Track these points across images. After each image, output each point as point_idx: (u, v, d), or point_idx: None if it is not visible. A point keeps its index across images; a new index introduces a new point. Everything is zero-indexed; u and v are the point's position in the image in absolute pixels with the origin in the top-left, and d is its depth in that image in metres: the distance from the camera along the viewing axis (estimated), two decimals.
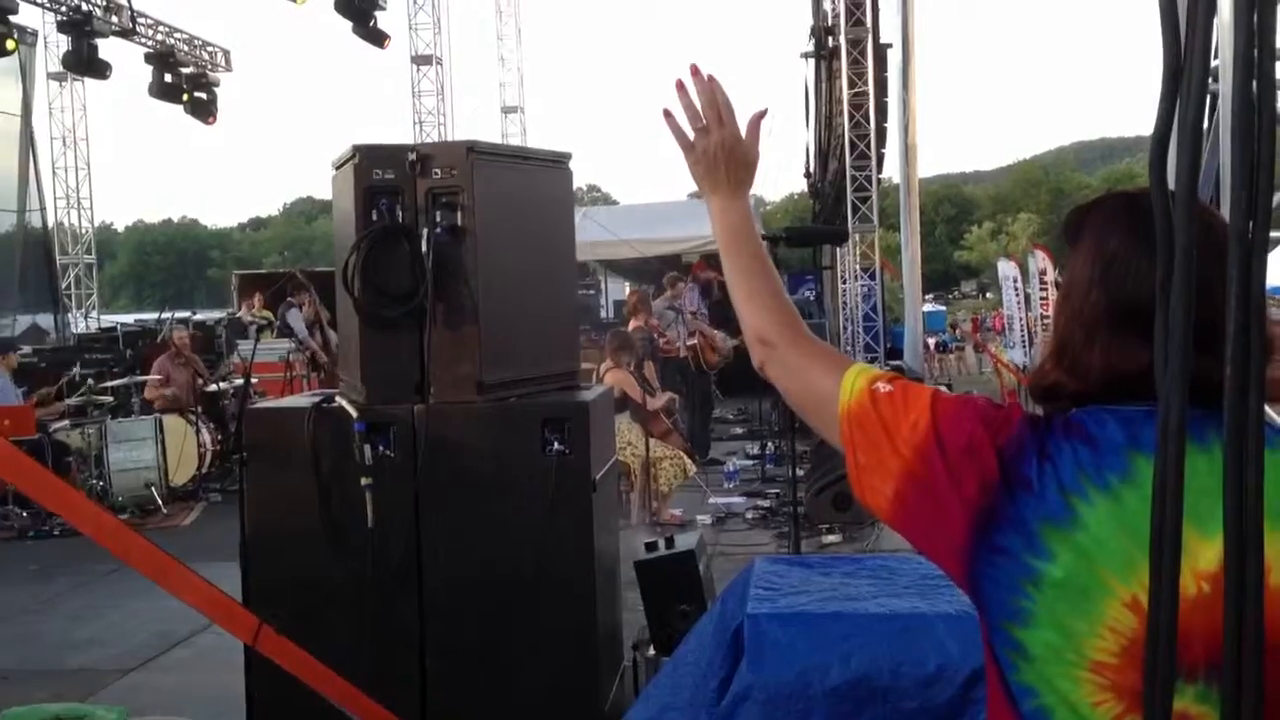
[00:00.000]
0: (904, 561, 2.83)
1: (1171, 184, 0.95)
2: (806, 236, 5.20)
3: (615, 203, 39.31)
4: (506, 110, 25.74)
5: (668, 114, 1.63)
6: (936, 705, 2.23)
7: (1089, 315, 1.32)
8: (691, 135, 1.62)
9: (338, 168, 4.22)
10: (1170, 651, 0.97)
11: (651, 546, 4.42)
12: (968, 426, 1.27)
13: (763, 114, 1.63)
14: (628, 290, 22.04)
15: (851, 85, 16.34)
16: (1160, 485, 0.96)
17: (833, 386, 1.38)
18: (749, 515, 8.91)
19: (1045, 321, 18.41)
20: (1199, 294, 0.87)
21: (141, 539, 2.56)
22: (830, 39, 17.16)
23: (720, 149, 1.59)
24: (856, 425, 1.34)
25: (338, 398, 4.01)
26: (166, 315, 15.68)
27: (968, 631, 2.26)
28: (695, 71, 1.61)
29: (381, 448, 3.87)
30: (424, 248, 3.83)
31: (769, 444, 11.48)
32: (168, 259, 77.92)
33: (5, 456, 2.30)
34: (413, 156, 3.91)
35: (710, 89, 1.61)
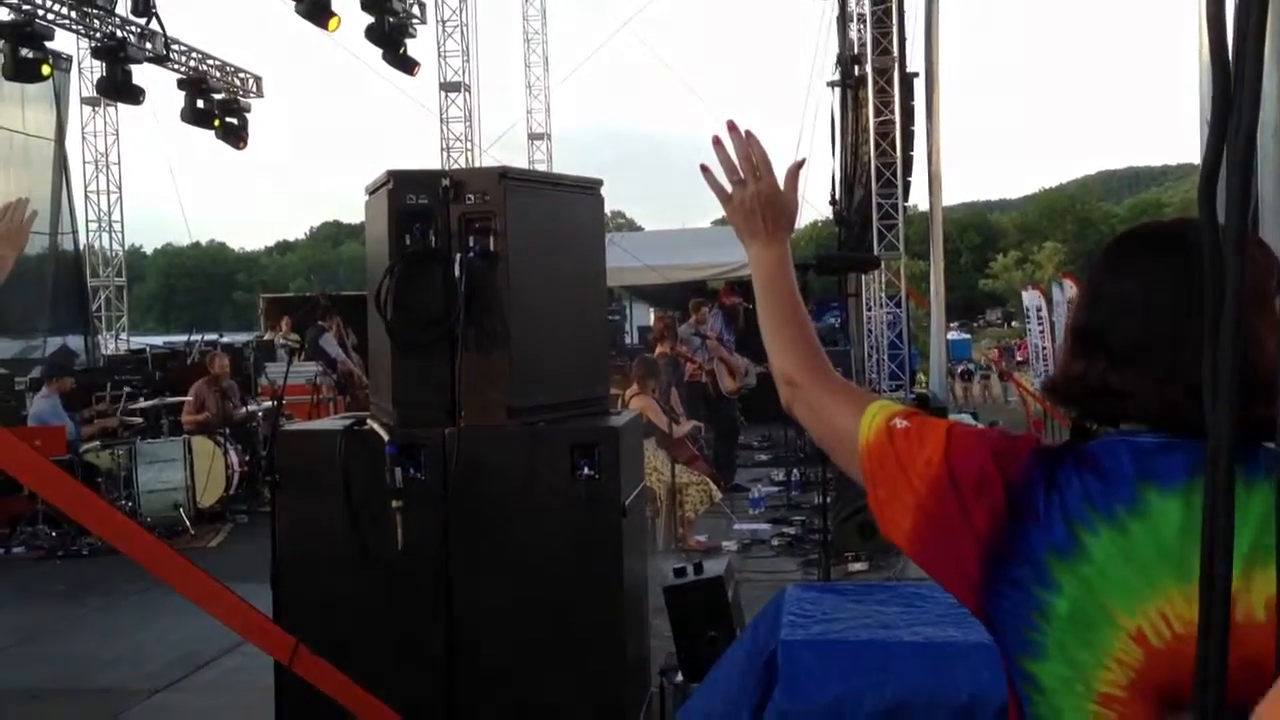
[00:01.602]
0: (936, 590, 2.82)
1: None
2: (838, 264, 5.20)
3: (640, 229, 39.39)
4: (533, 137, 25.88)
5: (705, 169, 1.69)
6: None
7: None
8: (729, 188, 1.67)
9: (371, 192, 4.26)
10: (1220, 685, 0.97)
11: (680, 572, 4.42)
12: (978, 460, 1.29)
13: (800, 164, 1.70)
14: (652, 316, 22.08)
15: (878, 113, 16.37)
16: (1209, 522, 0.97)
17: (854, 424, 1.42)
18: (774, 542, 8.88)
19: None
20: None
21: (180, 558, 2.58)
22: (857, 68, 17.21)
23: (757, 200, 1.65)
24: (876, 461, 1.37)
25: (369, 420, 4.04)
26: (195, 338, 15.83)
27: (1000, 660, 2.25)
28: (732, 128, 1.67)
29: (412, 471, 3.88)
30: (456, 272, 3.85)
31: (794, 471, 11.45)
32: (195, 282, 78.50)
33: (50, 476, 2.33)
34: (446, 182, 3.94)
35: (746, 145, 1.67)
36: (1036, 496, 1.22)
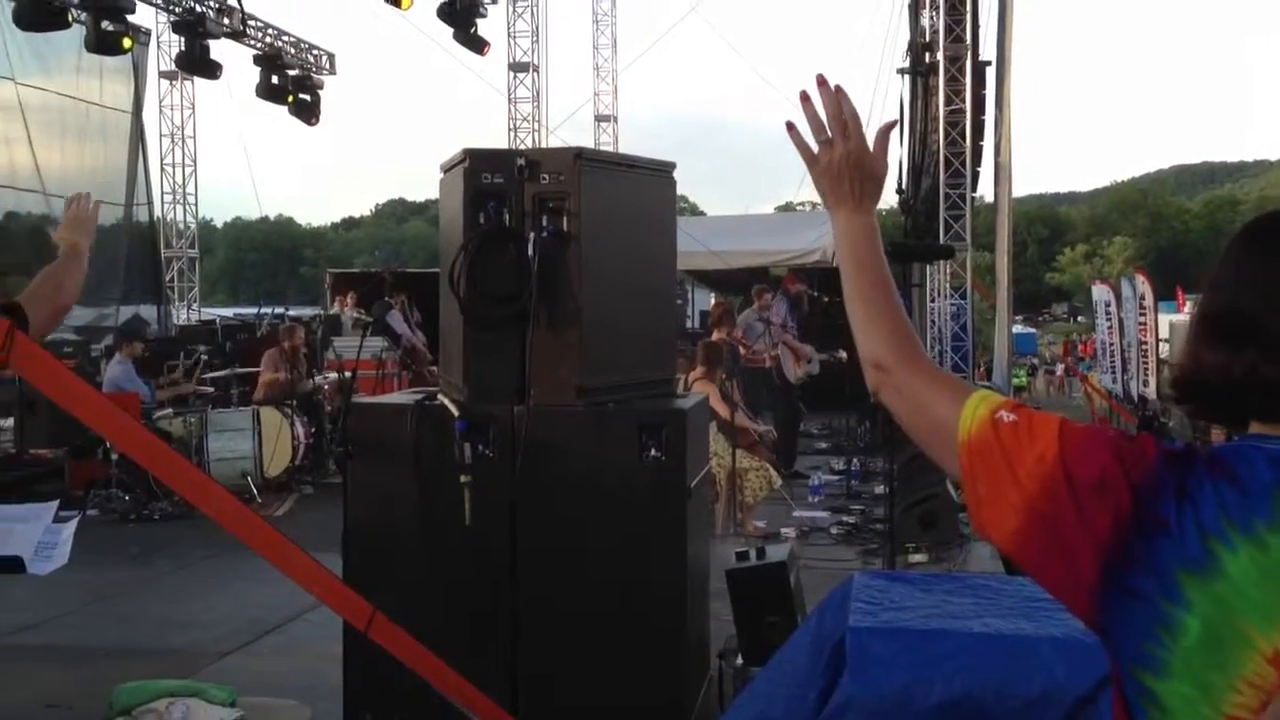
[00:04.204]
0: (1007, 582, 2.81)
1: None
2: (913, 252, 5.16)
3: (703, 214, 39.26)
4: (600, 119, 25.91)
5: (791, 126, 1.58)
6: None
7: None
8: (816, 148, 1.56)
9: (446, 170, 4.30)
10: None
11: (743, 556, 4.43)
12: (1100, 460, 1.20)
13: (892, 125, 1.59)
14: (713, 301, 22.05)
15: (949, 102, 16.18)
16: None
17: (952, 415, 1.33)
18: (833, 530, 8.85)
19: (1143, 347, 18.03)
20: None
21: (266, 525, 2.65)
22: (928, 55, 17.01)
23: (845, 162, 1.52)
24: (977, 456, 1.28)
25: (439, 396, 4.09)
26: (265, 310, 16.07)
27: (1076, 656, 2.25)
28: (822, 82, 1.56)
29: (481, 447, 3.93)
30: (529, 251, 3.89)
31: (854, 460, 11.40)
32: (263, 255, 79.55)
33: (144, 442, 2.40)
34: (521, 161, 3.98)
35: (836, 100, 1.54)
36: (1166, 505, 1.15)
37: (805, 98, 1.56)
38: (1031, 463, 1.23)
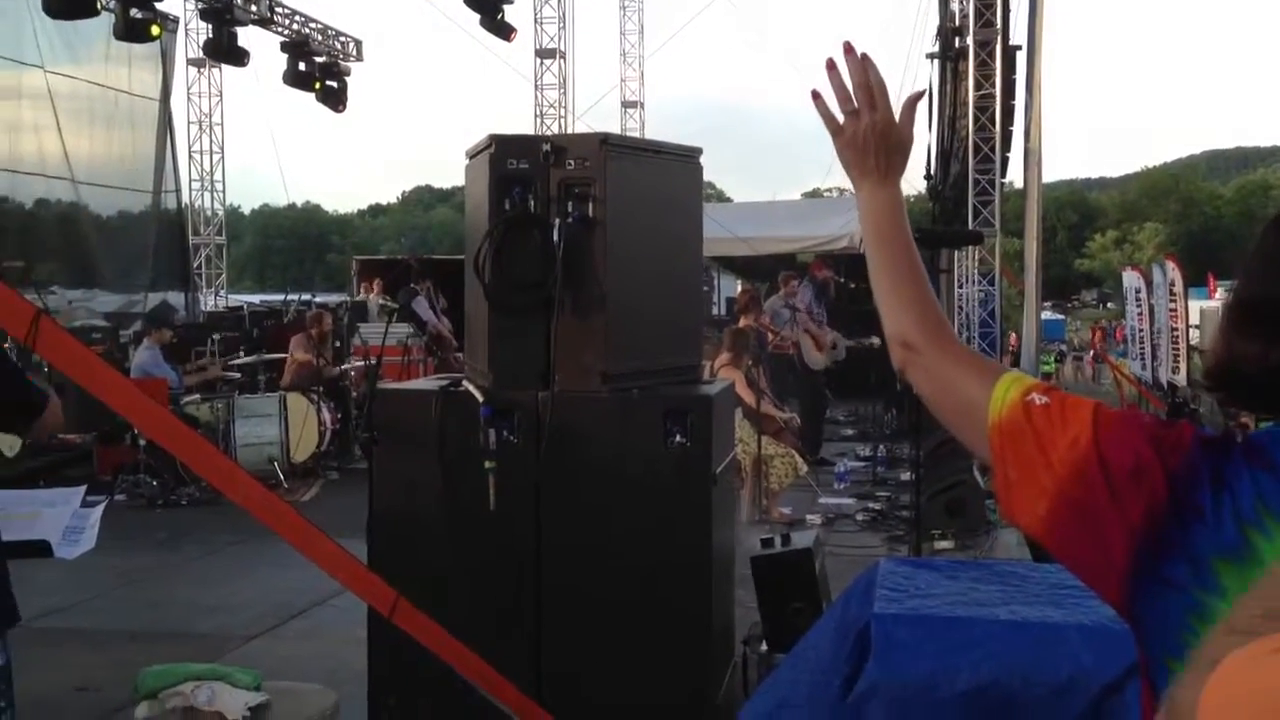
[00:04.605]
0: (1033, 569, 2.78)
1: None
2: (941, 238, 5.12)
3: (729, 200, 39.17)
4: (627, 105, 25.87)
5: (816, 95, 1.54)
6: (1068, 716, 2.19)
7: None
8: (841, 118, 1.52)
9: (472, 156, 4.29)
10: None
11: (768, 543, 4.42)
12: (1135, 446, 1.18)
13: (919, 96, 1.56)
14: (739, 287, 21.99)
15: (978, 87, 16.08)
16: None
17: (982, 396, 1.30)
18: (859, 517, 8.83)
19: (1174, 334, 17.88)
20: None
21: (292, 510, 2.65)
22: (958, 39, 16.89)
23: (871, 133, 1.49)
24: (1008, 438, 1.25)
25: (464, 382, 4.09)
26: (291, 297, 16.14)
27: (1103, 643, 2.22)
28: (849, 50, 1.52)
29: (505, 433, 3.93)
30: (555, 237, 3.87)
31: (880, 447, 11.36)
32: (290, 242, 79.92)
33: (170, 427, 2.41)
34: (547, 147, 3.96)
35: (863, 69, 1.51)
36: (1202, 493, 1.12)
37: (831, 66, 1.53)
38: (1064, 447, 1.21)
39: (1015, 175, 19.40)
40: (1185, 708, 1.05)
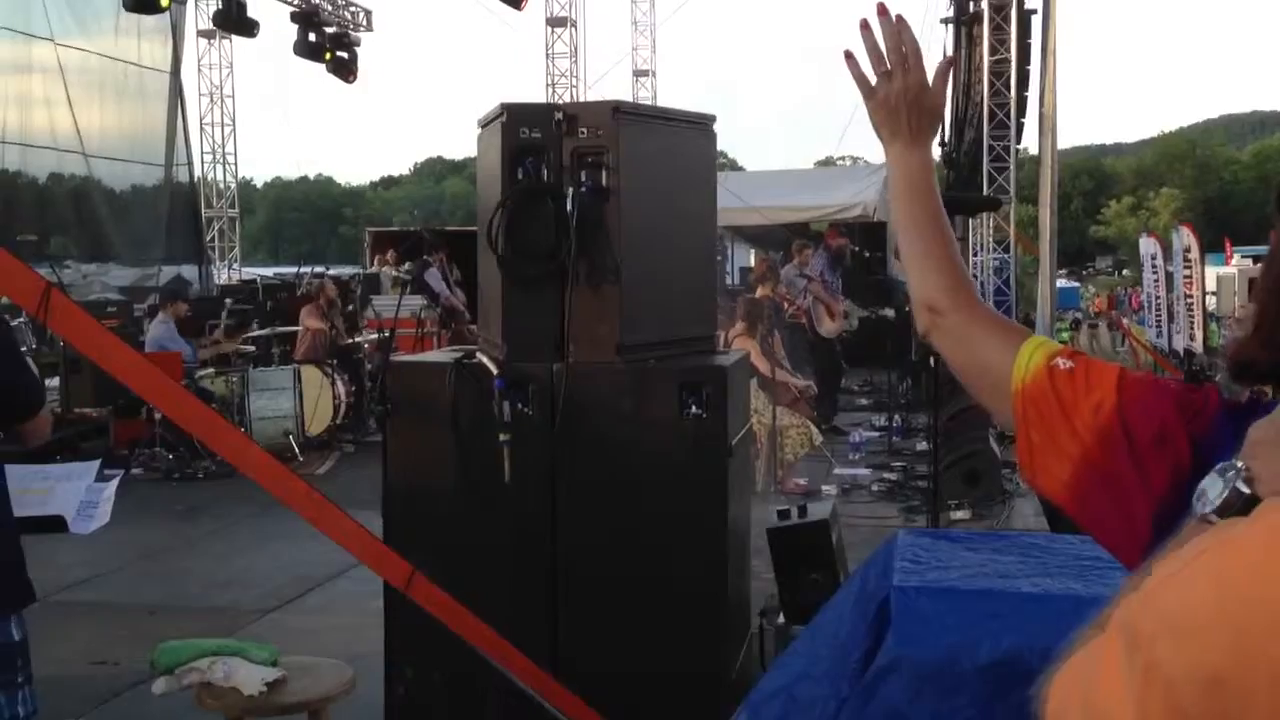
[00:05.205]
0: (1055, 540, 2.75)
1: None
2: (959, 204, 5.06)
3: (742, 169, 39.00)
4: (638, 74, 25.72)
5: (849, 55, 1.53)
6: None
7: None
8: (874, 79, 1.52)
9: (484, 125, 4.25)
10: None
11: (784, 514, 4.40)
12: (1159, 412, 1.16)
13: (951, 61, 1.56)
14: (753, 257, 21.91)
15: (993, 52, 15.92)
16: None
17: (1006, 361, 1.29)
18: (875, 487, 8.81)
19: (1189, 301, 17.76)
20: None
21: (306, 485, 2.64)
22: (972, 4, 16.71)
23: (903, 96, 1.49)
24: (1032, 404, 1.24)
25: (478, 354, 4.06)
26: (305, 269, 16.14)
27: None
28: (883, 11, 1.51)
29: (520, 405, 3.90)
30: (568, 207, 3.84)
31: (895, 416, 11.32)
32: (303, 215, 79.96)
33: (181, 401, 2.39)
34: (559, 116, 3.91)
35: (897, 31, 1.50)
36: (1227, 458, 1.06)
37: (865, 26, 1.52)
38: (1088, 412, 1.19)
39: (1030, 141, 19.25)
40: None
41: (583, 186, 3.84)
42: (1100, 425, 1.18)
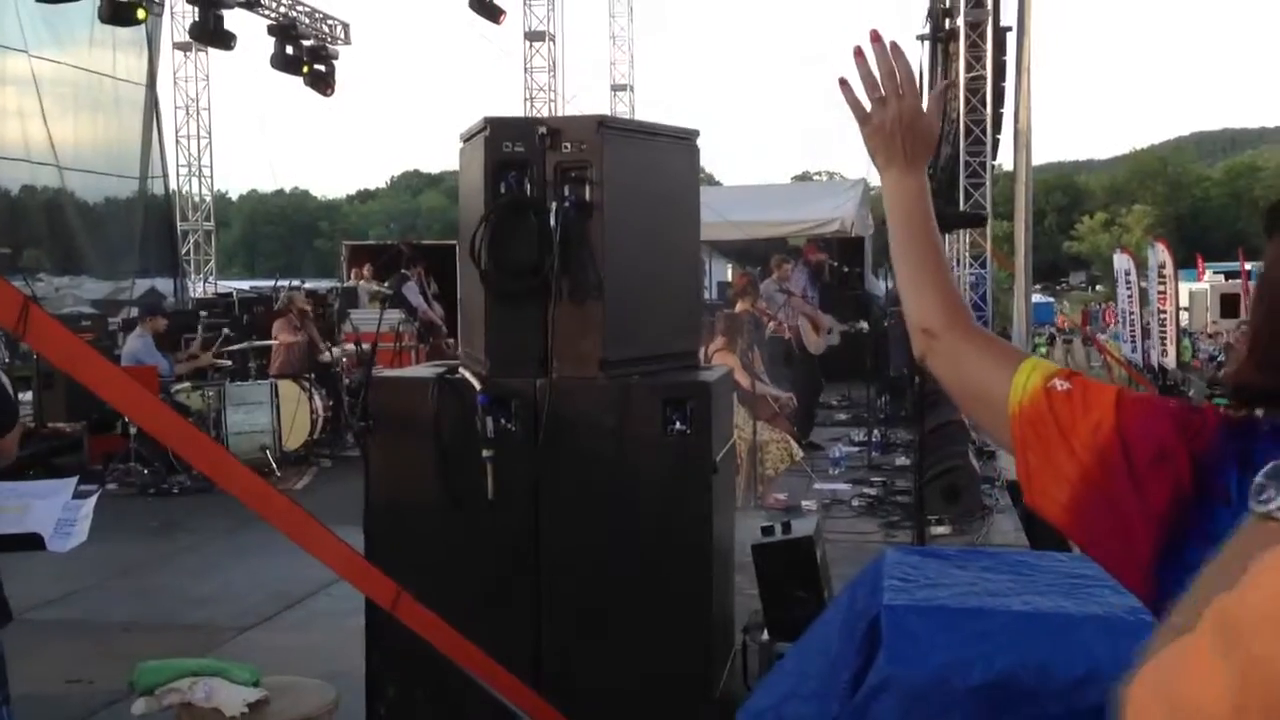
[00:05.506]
0: (1043, 557, 2.74)
1: None
2: (945, 221, 5.07)
3: (719, 184, 39.08)
4: (616, 88, 25.77)
5: (844, 83, 1.54)
6: (1084, 710, 2.14)
7: None
8: (868, 106, 1.52)
9: (467, 139, 4.22)
10: None
11: (768, 531, 4.38)
12: (1159, 431, 1.15)
13: (949, 85, 1.57)
14: (731, 272, 21.93)
15: (969, 69, 16.01)
16: None
17: (1003, 383, 1.29)
18: (855, 503, 8.80)
19: (1162, 316, 17.89)
20: None
21: (286, 500, 2.60)
22: (948, 21, 16.81)
23: (898, 122, 1.50)
24: (1029, 425, 1.24)
25: (461, 369, 4.03)
26: (281, 283, 16.03)
27: (1117, 634, 2.19)
28: (876, 38, 1.52)
29: (503, 421, 3.88)
30: (551, 222, 3.81)
31: (875, 432, 11.32)
32: (279, 228, 79.58)
33: (159, 416, 2.35)
34: (543, 130, 3.89)
35: (891, 58, 1.51)
36: (1228, 476, 1.10)
37: (859, 54, 1.52)
38: (1086, 433, 1.19)
39: (1004, 158, 19.37)
40: None
41: (566, 201, 3.82)
42: (1099, 446, 1.18)
